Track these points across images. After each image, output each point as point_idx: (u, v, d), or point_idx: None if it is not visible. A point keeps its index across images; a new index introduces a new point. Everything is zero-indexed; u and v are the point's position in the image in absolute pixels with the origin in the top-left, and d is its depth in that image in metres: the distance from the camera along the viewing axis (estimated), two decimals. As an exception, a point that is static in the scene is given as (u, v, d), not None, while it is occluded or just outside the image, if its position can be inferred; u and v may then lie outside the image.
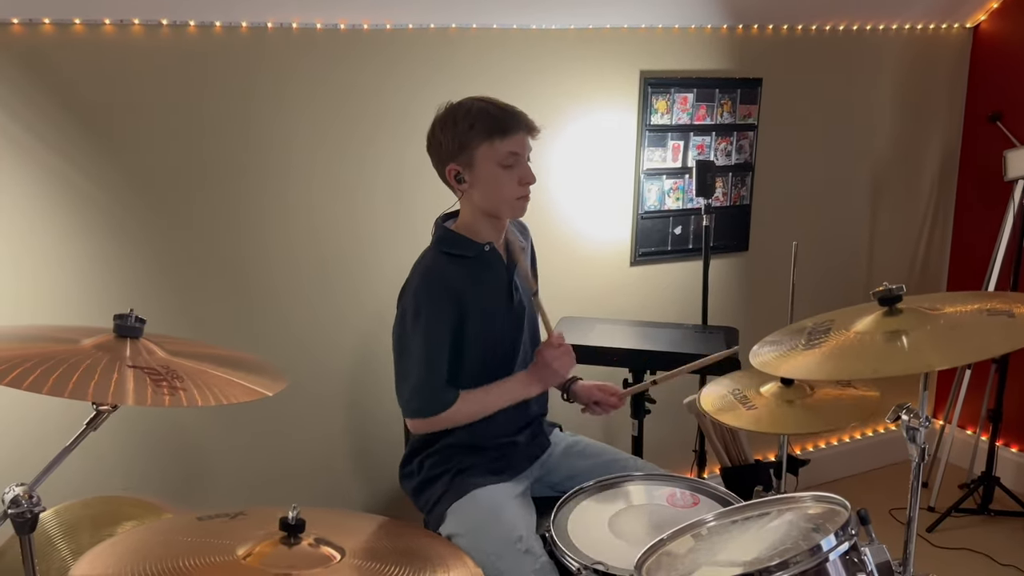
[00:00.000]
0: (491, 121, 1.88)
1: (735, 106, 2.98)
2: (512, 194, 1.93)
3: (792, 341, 1.60)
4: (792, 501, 1.54)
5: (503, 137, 1.88)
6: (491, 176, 1.91)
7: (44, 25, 2.03)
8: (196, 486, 2.41)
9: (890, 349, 1.44)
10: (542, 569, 1.76)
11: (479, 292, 1.95)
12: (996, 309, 1.46)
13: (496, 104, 1.92)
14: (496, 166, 1.90)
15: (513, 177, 1.91)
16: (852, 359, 1.48)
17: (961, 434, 3.51)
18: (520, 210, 1.98)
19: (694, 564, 1.47)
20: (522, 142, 1.92)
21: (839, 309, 1.68)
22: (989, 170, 3.33)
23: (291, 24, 2.28)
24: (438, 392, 1.92)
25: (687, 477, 2.04)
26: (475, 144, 1.89)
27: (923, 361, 1.40)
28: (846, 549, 1.35)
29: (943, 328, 1.45)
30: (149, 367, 1.36)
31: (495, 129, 1.88)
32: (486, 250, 1.98)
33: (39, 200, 2.11)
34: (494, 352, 2.00)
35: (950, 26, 3.37)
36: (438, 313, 1.91)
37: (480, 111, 1.90)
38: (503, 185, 1.91)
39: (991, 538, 3.11)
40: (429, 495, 2.03)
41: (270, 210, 2.37)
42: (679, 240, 2.98)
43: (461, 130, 1.90)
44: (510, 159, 1.90)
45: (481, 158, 1.90)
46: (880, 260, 3.48)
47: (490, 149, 1.89)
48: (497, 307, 2.00)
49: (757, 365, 1.58)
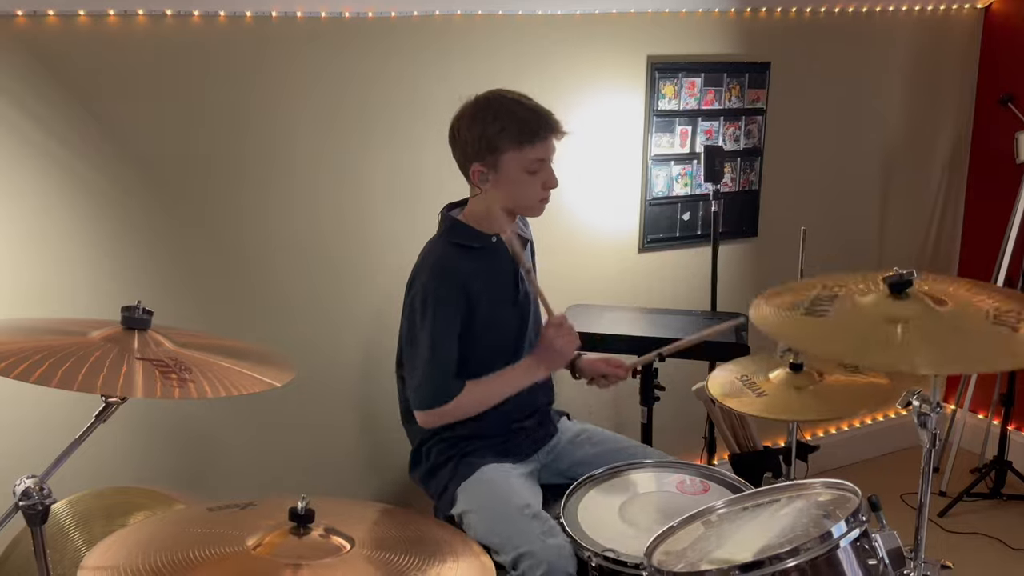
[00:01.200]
0: (521, 126, 1.87)
1: (743, 90, 2.96)
2: (534, 197, 1.94)
3: (795, 302, 1.58)
4: (802, 488, 1.54)
5: (532, 143, 1.87)
6: (516, 180, 1.91)
7: (48, 17, 2.03)
8: (207, 476, 2.42)
9: (884, 338, 1.41)
10: (550, 530, 1.78)
11: (487, 283, 1.95)
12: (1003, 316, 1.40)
13: (525, 105, 1.90)
14: (522, 172, 1.89)
15: (537, 182, 1.92)
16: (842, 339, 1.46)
17: (973, 418, 3.50)
18: (540, 212, 2.00)
19: (704, 551, 1.47)
20: (549, 147, 1.91)
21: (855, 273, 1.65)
22: (1001, 153, 3.30)
23: (296, 13, 2.27)
24: (445, 383, 1.91)
25: (697, 464, 2.04)
26: (503, 148, 1.88)
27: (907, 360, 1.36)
28: (857, 536, 1.35)
29: (943, 328, 1.41)
30: (158, 359, 1.36)
31: (525, 135, 1.87)
32: (493, 241, 1.98)
33: (46, 191, 2.11)
34: (502, 342, 2.00)
35: (961, 6, 3.33)
36: (446, 304, 1.90)
37: (510, 114, 1.88)
38: (527, 189, 1.92)
39: (1003, 522, 3.10)
40: (439, 481, 2.04)
41: (276, 201, 2.36)
42: (687, 226, 2.97)
43: (490, 133, 1.88)
44: (536, 165, 1.90)
45: (508, 162, 1.89)
46: (891, 245, 3.45)
47: (518, 154, 1.88)
48: (504, 297, 2.01)
49: (754, 318, 1.56)
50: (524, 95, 1.94)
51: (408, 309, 1.96)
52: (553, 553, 1.73)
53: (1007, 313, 1.44)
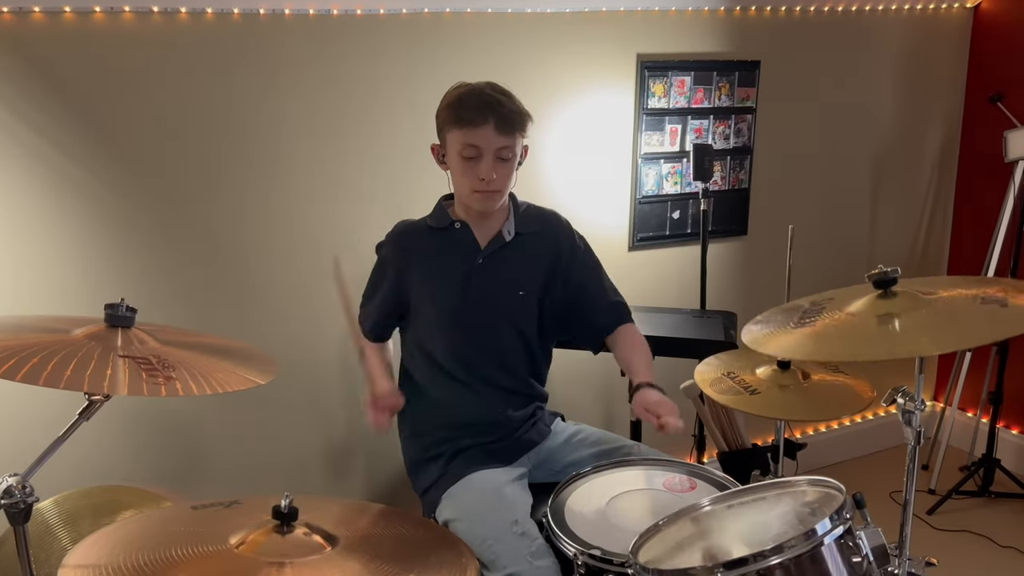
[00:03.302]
0: (460, 109, 1.89)
1: (733, 89, 2.96)
2: (469, 187, 1.93)
3: (785, 319, 1.59)
4: (788, 485, 1.54)
5: (462, 128, 1.88)
6: (454, 164, 1.94)
7: (34, 13, 2.02)
8: (195, 475, 2.42)
9: (881, 332, 1.43)
10: (538, 552, 1.76)
11: (437, 261, 2.02)
12: (990, 296, 1.45)
13: (480, 93, 1.89)
14: (458, 155, 1.91)
15: (471, 170, 1.91)
16: (838, 340, 1.48)
17: (962, 416, 3.51)
18: (479, 204, 1.96)
19: (690, 549, 1.47)
20: (486, 137, 1.88)
21: (839, 288, 1.67)
22: (990, 151, 3.31)
23: (283, 10, 2.27)
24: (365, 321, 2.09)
25: (685, 462, 2.03)
26: (445, 129, 1.94)
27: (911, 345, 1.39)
28: (841, 533, 1.35)
29: (935, 313, 1.44)
30: (141, 357, 1.35)
31: (460, 118, 1.88)
32: (456, 227, 2.02)
33: (31, 189, 2.10)
34: (445, 329, 2.03)
35: (950, 6, 3.34)
36: (385, 260, 2.06)
37: (457, 97, 1.91)
38: (463, 176, 1.93)
39: (991, 520, 3.11)
40: (424, 478, 2.04)
41: (264, 198, 2.36)
42: (677, 225, 2.97)
43: (440, 111, 1.95)
44: (468, 151, 1.89)
45: (450, 144, 1.93)
46: (881, 243, 3.46)
47: (454, 137, 1.91)
48: (449, 288, 2.02)
49: (747, 342, 1.57)
50: (501, 89, 1.92)
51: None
52: (540, 575, 1.72)
53: (993, 295, 1.48)
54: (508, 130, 1.88)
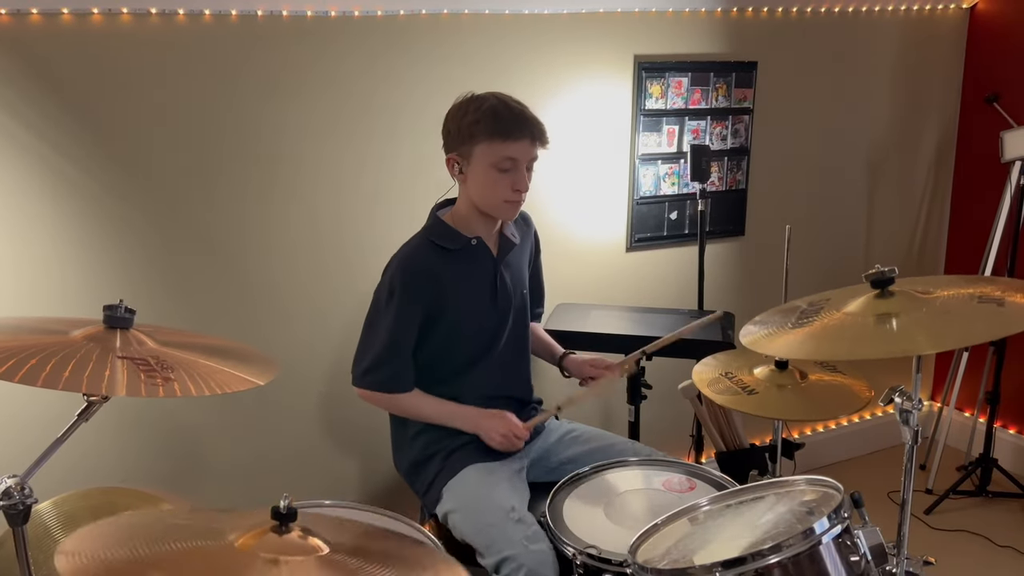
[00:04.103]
0: (496, 122, 1.90)
1: (730, 90, 2.97)
2: (501, 197, 1.96)
3: (783, 319, 1.60)
4: (786, 485, 1.54)
5: (503, 141, 1.90)
6: (485, 175, 1.94)
7: (32, 15, 2.02)
8: (194, 477, 2.41)
9: (878, 331, 1.44)
10: (534, 536, 1.79)
11: (459, 284, 1.99)
12: (987, 296, 1.46)
13: (510, 106, 1.94)
14: (491, 167, 1.92)
15: (506, 181, 1.93)
16: (836, 340, 1.48)
17: (959, 416, 3.52)
18: (508, 213, 2.01)
19: (688, 548, 1.47)
20: (524, 149, 1.93)
21: (836, 288, 1.67)
22: (986, 151, 3.32)
23: (281, 12, 2.27)
24: (400, 373, 1.98)
25: (683, 462, 2.04)
26: (476, 141, 1.92)
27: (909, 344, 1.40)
28: (839, 532, 1.35)
29: (933, 313, 1.44)
30: (140, 358, 1.35)
31: (497, 131, 1.90)
32: (472, 244, 2.01)
33: (29, 189, 2.10)
34: (474, 342, 2.03)
35: (946, 6, 3.35)
36: (410, 298, 1.95)
37: (490, 109, 1.92)
38: (495, 187, 1.94)
39: (989, 520, 3.11)
40: (424, 477, 2.05)
41: (262, 198, 2.36)
42: (675, 225, 2.98)
43: (467, 123, 1.93)
44: (506, 163, 1.92)
45: (479, 155, 1.92)
46: (878, 243, 3.47)
47: (488, 149, 1.91)
48: (479, 300, 2.04)
49: (746, 343, 1.57)
50: (517, 100, 1.97)
51: (375, 295, 2.02)
52: (535, 559, 1.73)
53: (990, 294, 1.49)
54: (542, 142, 1.95)
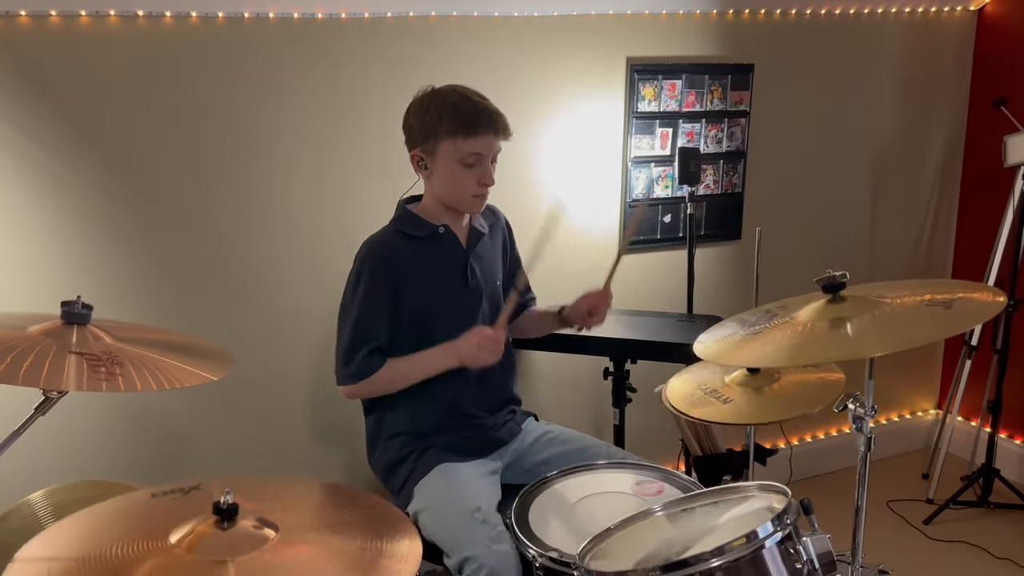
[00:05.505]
0: (459, 119, 1.91)
1: (726, 92, 2.94)
2: (468, 192, 1.97)
3: (736, 328, 1.59)
4: (736, 491, 1.53)
5: (467, 137, 1.91)
6: (450, 171, 1.95)
7: (20, 17, 2.07)
8: (180, 468, 2.44)
9: (833, 335, 1.43)
10: (497, 537, 1.78)
11: (426, 270, 2.00)
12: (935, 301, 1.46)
13: (471, 100, 1.93)
14: (456, 163, 1.93)
15: (472, 176, 1.95)
16: (791, 345, 1.47)
17: (965, 425, 3.45)
18: (475, 207, 2.02)
19: (637, 552, 1.47)
20: (487, 143, 1.93)
21: (791, 297, 1.66)
22: (994, 156, 3.25)
23: (268, 14, 2.29)
24: (366, 357, 1.96)
25: (656, 466, 2.02)
26: (439, 138, 1.93)
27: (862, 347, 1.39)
28: (782, 537, 1.34)
29: (883, 317, 1.43)
30: (91, 353, 1.38)
31: (460, 127, 1.91)
32: (440, 232, 2.03)
33: (15, 188, 2.14)
34: (449, 328, 2.01)
35: (953, 9, 3.30)
36: (376, 284, 1.96)
37: (452, 106, 1.92)
38: (461, 182, 1.95)
39: (989, 531, 3.05)
40: (398, 477, 2.05)
41: (243, 196, 2.38)
42: (668, 228, 2.96)
43: (430, 119, 1.93)
44: (471, 158, 1.93)
45: (443, 152, 1.94)
46: (883, 248, 3.41)
47: (452, 145, 1.92)
48: (450, 286, 2.04)
49: (699, 352, 1.57)
50: (478, 93, 1.96)
51: (345, 286, 2.03)
52: (497, 560, 1.73)
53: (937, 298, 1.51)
54: (506, 135, 1.96)
